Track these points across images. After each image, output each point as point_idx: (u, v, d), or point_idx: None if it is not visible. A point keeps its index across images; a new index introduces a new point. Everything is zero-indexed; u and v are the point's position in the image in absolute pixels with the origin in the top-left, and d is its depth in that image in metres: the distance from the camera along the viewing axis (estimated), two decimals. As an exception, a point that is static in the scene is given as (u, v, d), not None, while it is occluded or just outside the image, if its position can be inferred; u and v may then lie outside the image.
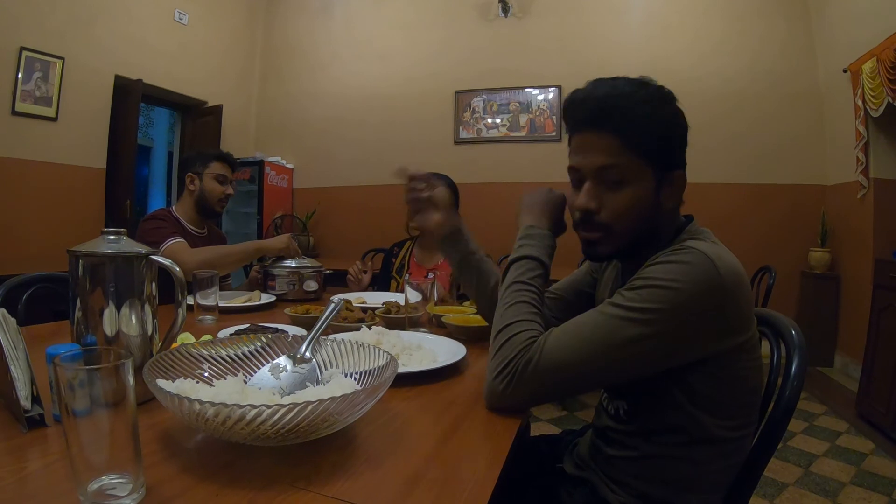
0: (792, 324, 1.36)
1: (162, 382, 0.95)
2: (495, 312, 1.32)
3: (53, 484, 0.79)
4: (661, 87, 1.24)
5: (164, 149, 10.75)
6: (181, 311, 1.16)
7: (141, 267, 1.12)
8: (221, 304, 2.26)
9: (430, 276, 2.95)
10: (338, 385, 1.04)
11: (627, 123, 1.19)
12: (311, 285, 2.80)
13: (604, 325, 1.13)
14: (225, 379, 1.11)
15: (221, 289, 2.84)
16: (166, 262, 1.14)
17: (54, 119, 5.20)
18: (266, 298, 2.59)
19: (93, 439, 0.73)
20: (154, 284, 1.17)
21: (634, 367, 1.14)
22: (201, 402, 0.80)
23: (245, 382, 1.11)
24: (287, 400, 0.97)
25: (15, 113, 4.89)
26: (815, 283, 5.46)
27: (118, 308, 1.09)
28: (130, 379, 0.74)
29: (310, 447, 0.93)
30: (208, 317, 2.11)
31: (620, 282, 1.40)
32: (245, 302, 2.48)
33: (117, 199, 5.82)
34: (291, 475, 0.85)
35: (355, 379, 1.12)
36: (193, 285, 2.12)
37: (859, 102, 4.84)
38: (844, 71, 5.09)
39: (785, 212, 5.81)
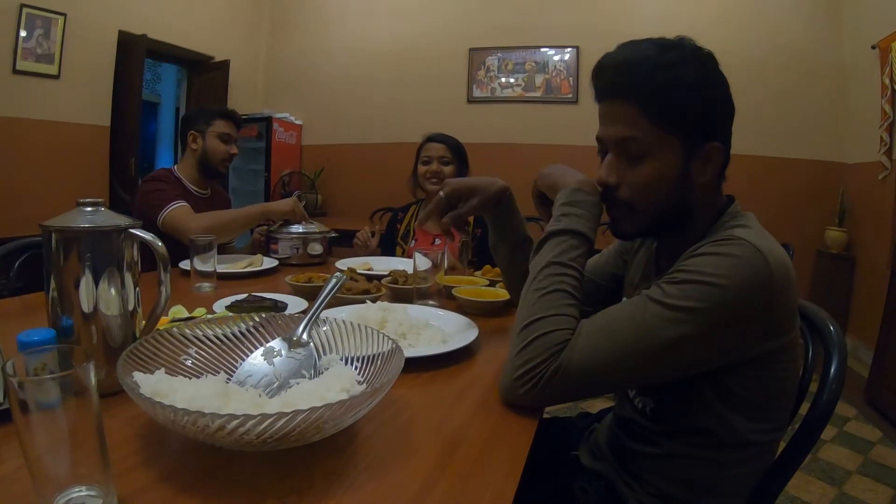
0: (830, 319, 1.25)
1: (139, 377, 0.86)
2: (525, 293, 1.15)
3: (21, 495, 0.69)
4: (696, 50, 1.10)
5: (171, 105, 10.64)
6: (164, 290, 1.07)
7: (120, 241, 1.02)
8: (220, 269, 2.16)
9: (437, 241, 2.86)
10: (336, 377, 0.94)
11: (646, 91, 1.07)
12: (316, 248, 2.69)
13: (641, 324, 1.00)
14: (211, 371, 1.02)
15: (225, 251, 2.76)
16: (147, 236, 1.04)
17: (56, 77, 5.09)
18: (268, 263, 2.48)
19: (52, 449, 0.64)
20: (137, 253, 1.07)
21: (672, 369, 1.03)
22: (175, 410, 0.70)
23: (228, 380, 1.00)
24: (276, 402, 0.86)
25: (16, 71, 4.79)
26: (830, 263, 5.28)
27: (96, 286, 1.00)
28: (93, 381, 0.64)
29: (303, 451, 0.83)
30: (206, 284, 2.01)
31: (654, 267, 1.29)
32: (246, 267, 2.38)
33: (122, 157, 5.72)
34: (281, 488, 0.75)
35: (356, 367, 1.03)
36: (191, 250, 2.02)
37: (887, 81, 4.62)
38: (873, 47, 4.84)
39: (802, 188, 5.60)
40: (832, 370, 1.14)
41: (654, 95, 1.07)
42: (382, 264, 2.47)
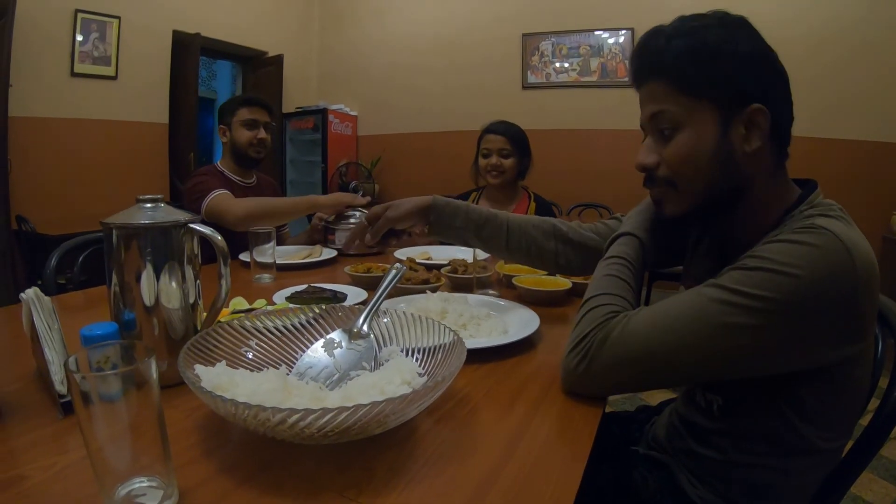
0: None
1: (200, 369, 0.85)
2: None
3: (82, 485, 0.70)
4: (721, 16, 1.04)
5: (227, 101, 10.79)
6: (224, 283, 1.07)
7: (180, 236, 1.03)
8: (280, 260, 2.18)
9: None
10: (396, 369, 0.93)
11: (668, 61, 1.03)
12: (374, 238, 2.66)
13: (700, 306, 0.95)
14: (272, 364, 1.03)
15: (281, 239, 2.77)
16: (206, 230, 1.05)
17: (114, 78, 5.24)
18: (327, 253, 2.49)
19: (114, 440, 0.65)
20: (197, 246, 1.08)
21: (733, 362, 0.96)
22: (236, 403, 0.69)
23: (288, 373, 1.00)
24: (336, 395, 0.86)
25: (74, 74, 4.96)
26: None
27: (157, 280, 1.01)
28: (154, 375, 0.65)
29: (363, 444, 0.83)
30: (266, 275, 2.03)
31: (720, 261, 1.19)
32: (305, 258, 2.40)
33: (181, 153, 5.86)
34: (340, 481, 0.75)
35: (416, 358, 1.01)
36: (249, 241, 2.04)
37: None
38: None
39: (864, 170, 5.22)
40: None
41: (677, 63, 1.02)
42: (442, 253, 2.46)
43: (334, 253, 2.51)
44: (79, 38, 4.92)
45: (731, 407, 1.10)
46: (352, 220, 2.65)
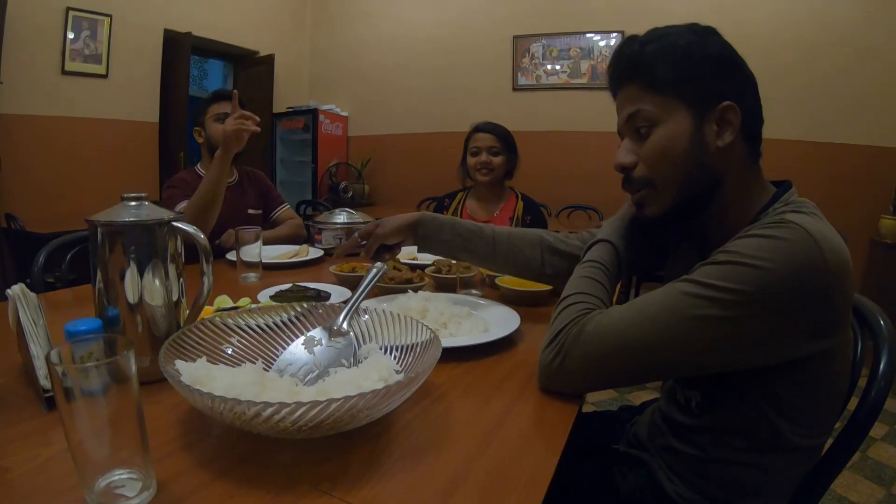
0: (881, 313, 1.18)
1: (181, 365, 0.87)
2: None
3: (63, 476, 0.72)
4: (689, 25, 1.10)
5: (219, 100, 10.76)
6: (206, 281, 1.08)
7: (163, 234, 1.04)
8: (266, 260, 2.20)
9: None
10: (374, 366, 0.95)
11: (642, 65, 1.10)
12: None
13: (673, 300, 0.98)
14: (253, 360, 1.04)
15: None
16: (189, 228, 1.06)
17: (105, 76, 5.24)
18: (314, 253, 2.50)
19: (94, 434, 0.66)
20: (181, 247, 1.10)
21: (704, 355, 0.97)
22: (213, 397, 0.71)
23: (267, 369, 1.03)
24: (312, 390, 0.88)
25: (65, 72, 4.97)
26: (884, 254, 4.95)
27: (140, 278, 1.03)
28: (133, 368, 0.66)
29: (339, 439, 0.84)
30: (252, 274, 2.04)
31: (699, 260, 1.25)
32: (292, 257, 2.42)
33: (171, 152, 5.86)
34: (315, 475, 0.76)
35: (394, 356, 1.04)
36: (237, 241, 2.06)
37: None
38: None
39: (854, 174, 5.27)
40: (881, 367, 1.09)
41: (650, 64, 1.08)
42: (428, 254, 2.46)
43: (320, 253, 2.52)
44: (70, 35, 4.92)
45: (709, 403, 1.12)
46: (336, 220, 2.68)
